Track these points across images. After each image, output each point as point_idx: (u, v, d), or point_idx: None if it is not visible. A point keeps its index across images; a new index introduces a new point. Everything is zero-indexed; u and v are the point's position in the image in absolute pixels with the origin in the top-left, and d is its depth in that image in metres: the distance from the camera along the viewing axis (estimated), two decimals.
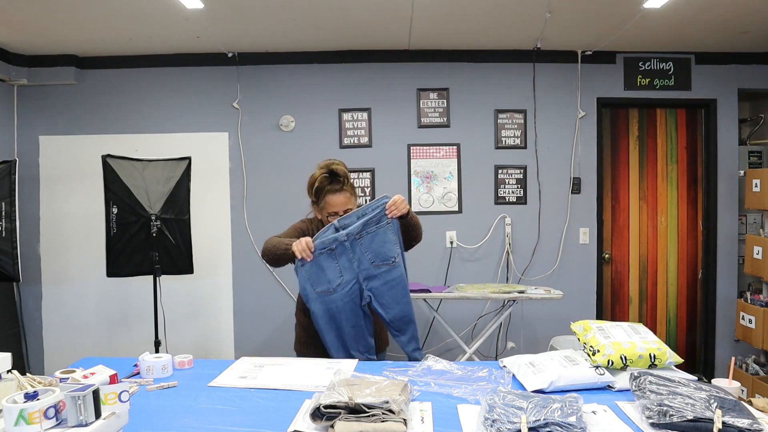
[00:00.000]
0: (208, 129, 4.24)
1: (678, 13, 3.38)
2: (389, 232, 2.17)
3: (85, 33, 3.69)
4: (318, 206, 2.34)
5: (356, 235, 2.15)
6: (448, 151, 4.26)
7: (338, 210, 2.27)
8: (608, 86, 4.26)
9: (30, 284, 4.18)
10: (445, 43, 4.07)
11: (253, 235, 4.22)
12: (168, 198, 3.52)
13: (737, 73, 4.25)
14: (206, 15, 3.35)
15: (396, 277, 2.18)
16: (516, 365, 1.79)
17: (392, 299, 2.19)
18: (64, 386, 1.25)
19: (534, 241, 4.26)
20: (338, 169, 2.27)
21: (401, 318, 2.22)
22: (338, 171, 2.27)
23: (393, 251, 2.17)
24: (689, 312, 4.43)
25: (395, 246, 2.18)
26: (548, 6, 3.31)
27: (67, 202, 4.22)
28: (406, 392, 1.45)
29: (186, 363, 1.91)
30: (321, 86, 4.24)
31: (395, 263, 2.17)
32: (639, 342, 1.73)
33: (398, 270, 2.18)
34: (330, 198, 2.27)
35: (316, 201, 2.32)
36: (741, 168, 4.27)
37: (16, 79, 4.08)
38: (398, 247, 2.19)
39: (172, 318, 4.00)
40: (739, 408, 1.32)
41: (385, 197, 2.19)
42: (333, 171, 2.27)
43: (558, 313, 4.05)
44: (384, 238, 2.16)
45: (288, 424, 1.38)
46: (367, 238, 2.16)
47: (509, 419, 1.29)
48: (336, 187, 2.27)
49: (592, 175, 4.27)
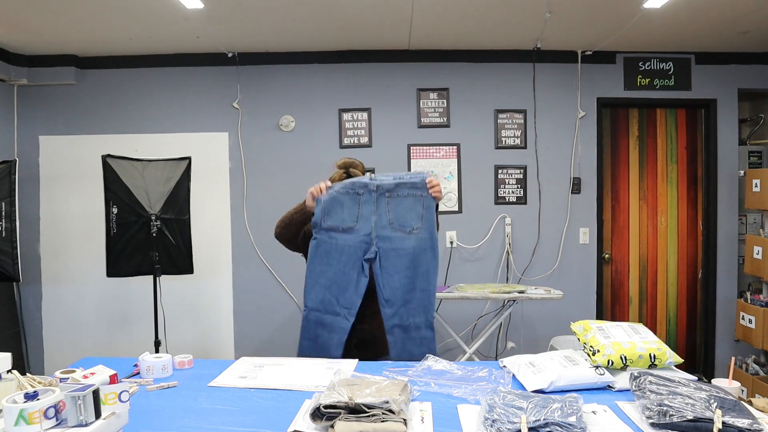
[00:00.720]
0: (208, 129, 4.24)
1: (678, 13, 3.38)
2: (418, 204, 2.15)
3: (85, 33, 3.69)
4: None
5: (386, 192, 2.14)
6: (448, 151, 4.26)
7: None
8: (608, 86, 4.26)
9: (30, 284, 4.18)
10: (445, 43, 4.07)
11: (253, 235, 4.22)
12: (168, 198, 3.52)
13: (737, 73, 4.26)
14: (206, 15, 3.35)
15: (407, 247, 2.14)
16: (516, 365, 1.79)
17: (393, 267, 2.14)
18: (64, 386, 1.25)
19: (534, 241, 4.26)
20: (355, 172, 2.31)
21: (395, 289, 2.14)
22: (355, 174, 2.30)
23: (414, 221, 2.14)
24: (689, 312, 4.43)
25: (419, 219, 2.14)
26: (548, 6, 3.31)
27: (67, 202, 4.22)
28: (406, 392, 1.45)
29: (186, 363, 1.91)
30: (321, 86, 4.24)
31: (411, 233, 2.14)
32: (639, 342, 1.73)
33: (411, 241, 2.14)
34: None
35: None
36: (741, 168, 4.27)
37: (16, 79, 4.08)
38: (422, 221, 2.15)
39: (172, 318, 4.00)
40: (739, 408, 1.32)
41: (424, 173, 2.19)
42: (350, 174, 2.30)
43: (558, 313, 4.05)
44: (411, 206, 2.14)
45: (288, 424, 1.38)
46: (396, 200, 2.14)
47: (509, 419, 1.29)
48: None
49: (592, 175, 4.27)
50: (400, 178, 2.16)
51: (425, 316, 2.16)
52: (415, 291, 2.16)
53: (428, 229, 2.16)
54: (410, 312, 2.14)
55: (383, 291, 2.15)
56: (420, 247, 2.15)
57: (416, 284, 2.16)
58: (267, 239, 2.42)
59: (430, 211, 2.16)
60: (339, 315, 2.13)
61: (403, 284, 2.15)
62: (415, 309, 2.15)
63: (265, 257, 4.22)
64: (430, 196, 2.16)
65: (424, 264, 2.16)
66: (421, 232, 2.15)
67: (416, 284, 2.16)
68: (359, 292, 2.15)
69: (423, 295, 2.16)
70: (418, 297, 2.16)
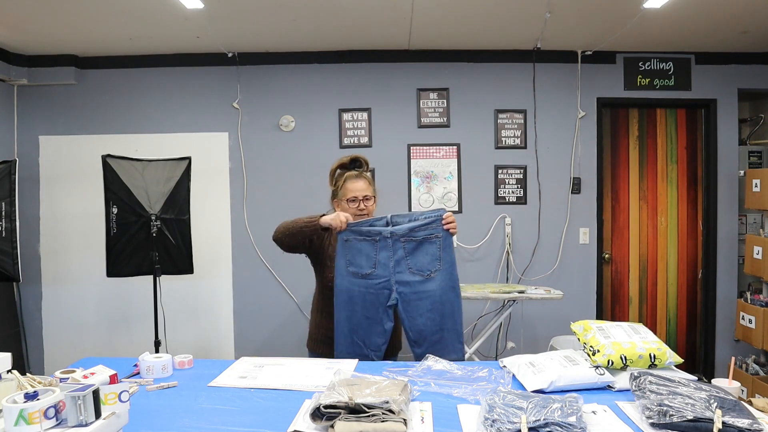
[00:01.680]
0: (208, 129, 4.24)
1: (678, 13, 3.38)
2: (434, 246, 2.15)
3: (85, 33, 3.69)
4: (337, 196, 2.37)
5: (401, 238, 2.15)
6: (448, 151, 4.26)
7: (357, 195, 2.29)
8: (608, 86, 4.26)
9: (30, 284, 4.18)
10: (445, 43, 4.07)
11: (253, 235, 4.22)
12: (168, 198, 3.52)
13: (737, 73, 4.25)
14: (206, 15, 3.34)
15: (428, 289, 2.15)
16: (516, 365, 1.79)
17: (416, 310, 2.16)
18: (64, 386, 1.25)
19: (534, 241, 4.26)
20: (359, 156, 2.39)
21: (420, 331, 2.16)
22: (359, 157, 2.38)
23: (432, 265, 2.15)
24: (689, 312, 4.43)
25: (437, 261, 2.15)
26: (548, 6, 3.31)
27: (67, 202, 4.22)
28: (406, 392, 1.45)
29: (186, 363, 1.91)
30: (321, 86, 4.24)
31: (430, 276, 2.15)
32: (639, 342, 1.73)
33: (431, 284, 2.15)
34: (350, 183, 2.32)
35: (335, 188, 2.37)
36: (741, 168, 4.27)
37: (16, 79, 4.08)
38: (440, 262, 2.15)
39: (172, 318, 4.00)
40: (739, 408, 1.32)
41: (441, 210, 2.19)
42: (354, 157, 2.38)
43: (558, 313, 4.05)
44: (428, 249, 2.15)
45: (288, 424, 1.38)
46: (412, 244, 2.15)
47: (509, 419, 1.29)
48: (356, 173, 2.34)
49: (592, 175, 4.27)
50: (415, 219, 2.15)
51: (455, 355, 2.16)
52: (443, 331, 2.17)
53: (447, 270, 2.17)
54: (438, 352, 2.09)
55: (410, 333, 2.18)
56: (441, 288, 2.16)
57: (443, 325, 2.17)
58: (267, 239, 2.41)
59: (447, 251, 2.16)
60: (368, 357, 2.17)
61: (429, 326, 2.16)
62: (444, 349, 2.14)
63: (265, 257, 4.22)
64: (447, 234, 2.16)
65: (448, 305, 2.17)
66: (440, 273, 2.16)
67: (443, 325, 2.17)
68: (386, 336, 2.19)
69: (450, 335, 2.18)
70: (446, 337, 2.18)
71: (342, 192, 2.34)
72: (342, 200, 2.35)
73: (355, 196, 2.30)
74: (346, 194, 2.32)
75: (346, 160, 2.39)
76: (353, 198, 2.31)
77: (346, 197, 2.32)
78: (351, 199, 2.31)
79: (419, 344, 2.18)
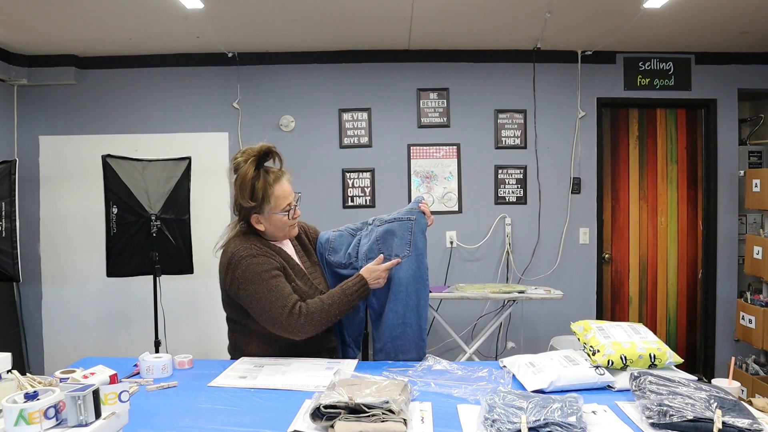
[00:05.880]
0: (208, 129, 4.24)
1: (678, 13, 3.38)
2: (404, 228, 1.98)
3: (85, 33, 3.69)
4: (264, 212, 1.85)
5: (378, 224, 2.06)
6: (448, 151, 4.26)
7: (291, 200, 1.88)
8: (608, 86, 4.26)
9: (30, 284, 4.17)
10: (445, 43, 4.07)
11: None
12: (168, 198, 3.52)
13: (737, 73, 4.25)
14: (206, 15, 3.34)
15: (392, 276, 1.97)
16: (516, 365, 1.79)
17: (378, 299, 2.01)
18: (64, 386, 1.25)
19: (534, 241, 4.26)
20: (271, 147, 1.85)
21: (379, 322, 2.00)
22: (271, 148, 1.85)
23: (401, 249, 1.97)
24: (689, 312, 4.43)
25: (406, 245, 1.96)
26: (548, 6, 3.31)
27: (67, 202, 4.22)
28: (406, 392, 1.45)
29: (186, 363, 1.91)
30: (321, 86, 4.24)
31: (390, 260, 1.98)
32: (639, 342, 1.73)
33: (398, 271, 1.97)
34: (278, 187, 1.85)
35: (260, 202, 1.83)
36: (741, 168, 4.27)
37: (16, 79, 4.08)
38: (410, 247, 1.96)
39: (172, 318, 4.00)
40: (739, 408, 1.32)
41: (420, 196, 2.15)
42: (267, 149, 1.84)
43: (558, 313, 4.05)
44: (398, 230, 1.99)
45: (288, 424, 1.38)
46: (385, 226, 2.02)
47: (509, 419, 1.28)
48: (276, 170, 1.88)
49: (592, 175, 4.27)
50: (397, 212, 2.05)
51: (416, 353, 1.95)
52: (404, 326, 1.95)
53: (417, 258, 1.96)
54: (398, 348, 1.95)
55: (371, 324, 2.03)
56: (407, 276, 1.95)
57: (405, 318, 1.95)
58: None
59: (419, 236, 1.97)
60: (350, 347, 2.12)
61: (389, 317, 1.95)
62: (404, 345, 1.96)
63: None
64: (421, 216, 1.98)
65: (413, 296, 1.95)
66: (408, 260, 1.95)
67: (405, 318, 1.95)
68: (361, 325, 2.13)
69: (412, 331, 1.95)
70: (408, 332, 1.95)
71: (273, 202, 1.84)
72: (272, 214, 1.85)
73: (289, 201, 1.87)
74: (278, 204, 1.84)
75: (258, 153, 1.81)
76: (287, 208, 1.86)
77: (279, 208, 1.85)
78: (285, 209, 1.86)
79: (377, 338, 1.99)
